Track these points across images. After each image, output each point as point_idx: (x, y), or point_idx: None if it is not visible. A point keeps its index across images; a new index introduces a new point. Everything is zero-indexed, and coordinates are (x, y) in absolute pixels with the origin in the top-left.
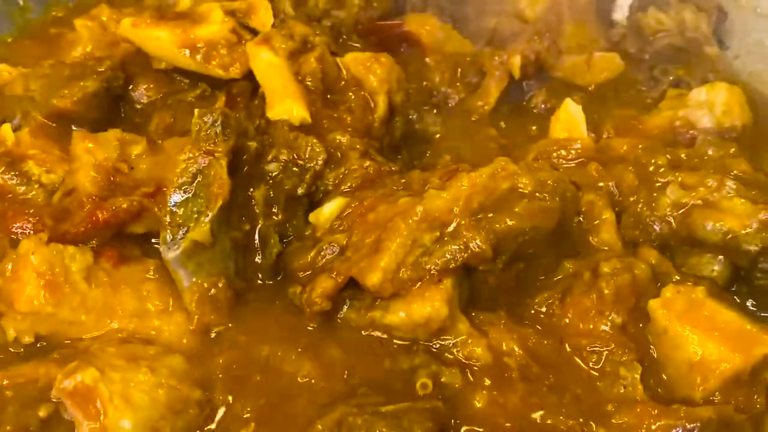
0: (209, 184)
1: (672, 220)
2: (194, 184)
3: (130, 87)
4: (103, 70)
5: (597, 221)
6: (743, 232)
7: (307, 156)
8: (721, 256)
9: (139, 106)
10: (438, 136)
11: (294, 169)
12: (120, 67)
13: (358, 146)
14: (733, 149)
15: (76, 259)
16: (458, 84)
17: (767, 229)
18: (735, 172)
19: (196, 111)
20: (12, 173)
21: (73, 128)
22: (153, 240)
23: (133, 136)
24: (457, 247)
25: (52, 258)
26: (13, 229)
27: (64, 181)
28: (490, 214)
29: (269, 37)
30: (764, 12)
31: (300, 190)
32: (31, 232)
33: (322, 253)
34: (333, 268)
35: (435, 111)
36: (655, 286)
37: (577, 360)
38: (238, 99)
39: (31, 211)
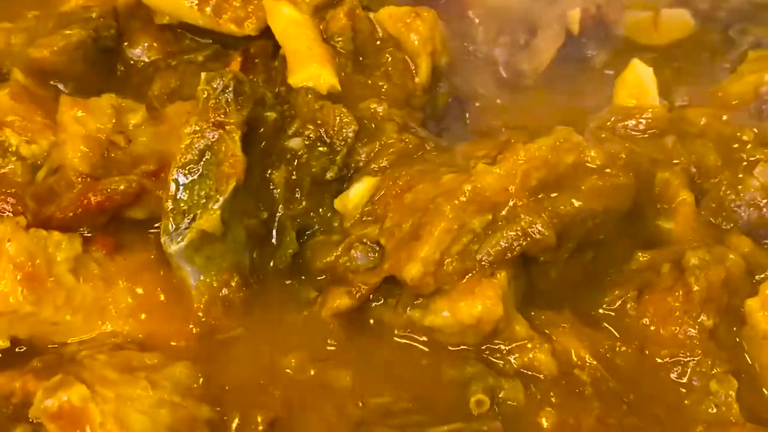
0: (219, 162)
1: (762, 205)
2: (201, 163)
3: (126, 43)
4: (91, 17)
5: (673, 203)
6: None
7: (335, 129)
8: None
9: (139, 65)
10: (484, 103)
11: (321, 148)
12: (112, 15)
13: (395, 117)
14: None
15: (62, 248)
16: (506, 42)
17: None
18: None
19: (203, 75)
20: None
21: (61, 89)
22: (155, 225)
23: (130, 102)
24: (514, 233)
25: (32, 246)
26: None
27: (49, 154)
28: (553, 194)
29: None
30: None
31: (329, 174)
32: (10, 214)
33: (349, 256)
34: (354, 280)
35: (480, 73)
36: (750, 282)
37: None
38: (255, 60)
39: (9, 191)
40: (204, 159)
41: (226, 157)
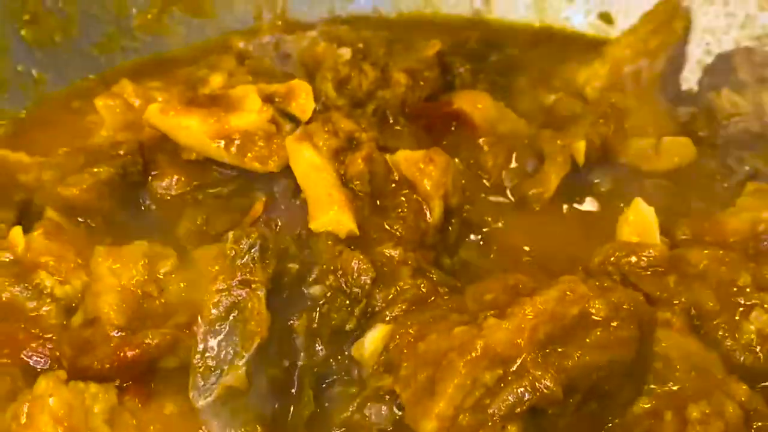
0: (246, 320)
1: (757, 351)
2: (229, 320)
3: (153, 175)
4: (119, 154)
5: None
6: None
7: (353, 277)
8: None
9: (166, 198)
10: (494, 230)
11: (341, 298)
12: (139, 150)
13: (410, 262)
14: None
15: (99, 399)
16: (514, 169)
17: None
18: None
19: (230, 235)
20: (22, 286)
21: (90, 224)
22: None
23: (161, 248)
24: (523, 389)
25: (72, 399)
26: (25, 356)
27: (84, 301)
28: (560, 348)
29: (311, 132)
30: None
31: (349, 326)
32: (47, 358)
33: (362, 414)
34: None
35: (489, 199)
36: (748, 430)
37: None
38: (278, 199)
39: (45, 336)
40: (231, 317)
41: (252, 315)
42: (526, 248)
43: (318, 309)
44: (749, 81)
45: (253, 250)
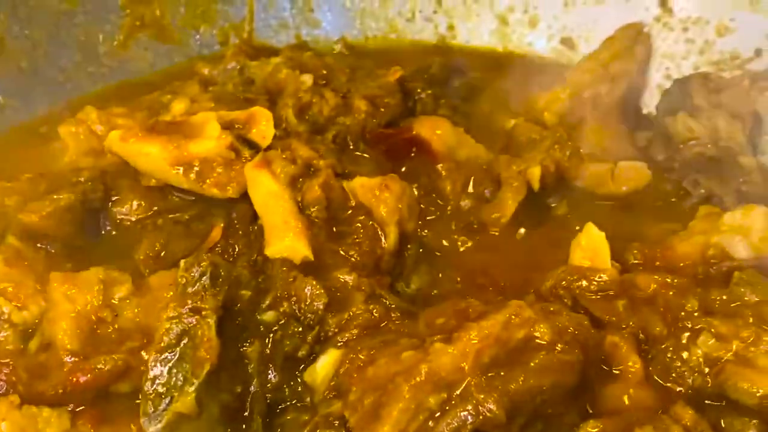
0: (196, 346)
1: (705, 374)
2: (179, 347)
3: (114, 201)
4: (80, 180)
5: (622, 367)
6: None
7: (306, 303)
8: (756, 421)
9: (126, 224)
10: (451, 255)
11: (294, 326)
12: (100, 177)
13: (364, 287)
14: None
15: (51, 424)
16: (472, 194)
17: None
18: None
19: (181, 263)
20: None
21: (50, 250)
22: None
23: (117, 274)
24: (467, 412)
25: (25, 424)
26: None
27: (41, 326)
28: (505, 372)
29: (270, 159)
30: None
31: (301, 353)
32: (3, 383)
33: None
34: None
35: (448, 225)
36: None
37: None
38: (236, 224)
39: (2, 361)
40: (182, 344)
41: (201, 342)
42: (483, 273)
43: (271, 335)
44: (704, 106)
45: (203, 278)
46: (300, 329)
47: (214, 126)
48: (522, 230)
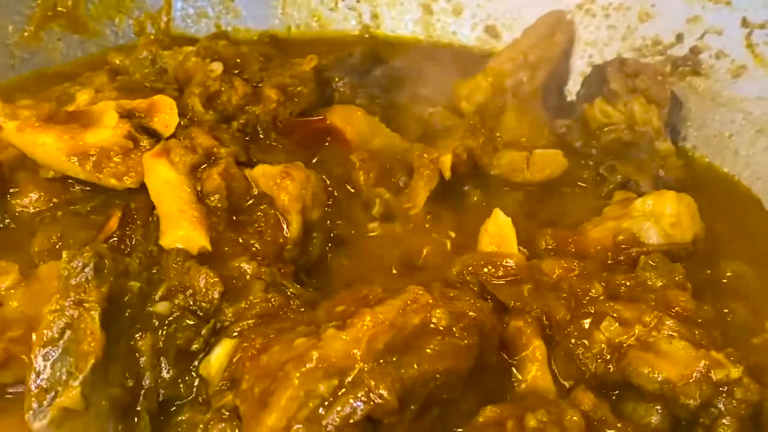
0: (79, 340)
1: (608, 360)
2: (62, 341)
3: (12, 192)
4: None
5: (525, 353)
6: (681, 384)
7: (201, 292)
8: (659, 406)
9: (25, 216)
10: (363, 242)
11: (189, 318)
12: None
13: (264, 276)
14: (679, 276)
15: None
16: (385, 183)
17: (707, 381)
18: (676, 308)
19: (64, 254)
20: None
21: None
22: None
23: (4, 264)
24: (357, 399)
25: None
26: None
27: None
28: (399, 358)
29: (168, 148)
30: (723, 101)
31: (195, 346)
32: None
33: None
34: None
35: (360, 213)
36: None
37: None
38: (135, 215)
39: None
40: (65, 337)
41: (85, 335)
42: (395, 261)
43: (165, 328)
44: (621, 91)
45: (87, 270)
46: (194, 322)
47: (112, 115)
48: (436, 219)
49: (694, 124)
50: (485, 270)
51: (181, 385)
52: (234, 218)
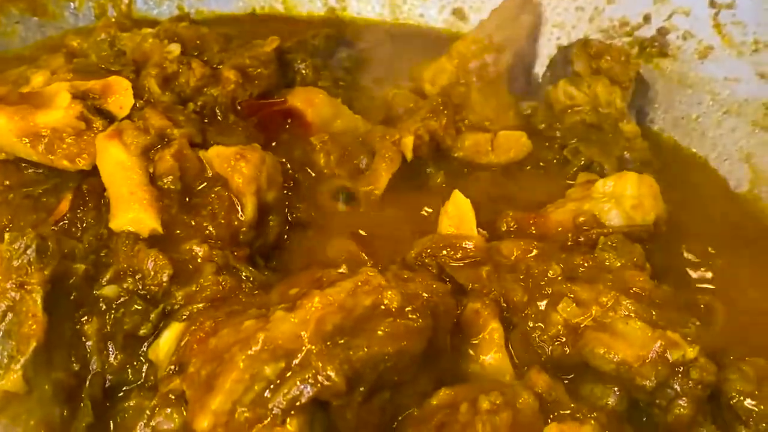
0: (21, 323)
1: (565, 342)
2: (3, 324)
3: None
4: None
5: (482, 335)
6: (637, 364)
7: (150, 275)
8: (616, 387)
9: None
10: (324, 227)
11: (137, 303)
12: None
13: (216, 259)
14: (637, 257)
15: None
16: (346, 166)
17: (664, 361)
18: (634, 289)
19: (6, 236)
20: None
21: None
22: None
23: None
24: (304, 381)
25: None
26: None
27: None
28: (347, 340)
29: (121, 129)
30: (691, 82)
31: (143, 331)
32: None
33: (156, 419)
34: None
35: (322, 197)
36: (545, 421)
37: None
38: (87, 197)
39: None
40: (6, 319)
41: (27, 318)
42: (355, 243)
43: (112, 312)
44: (584, 72)
45: (29, 251)
46: (143, 306)
47: (64, 96)
48: (398, 201)
49: (661, 105)
50: (444, 252)
51: (129, 370)
52: (187, 200)
